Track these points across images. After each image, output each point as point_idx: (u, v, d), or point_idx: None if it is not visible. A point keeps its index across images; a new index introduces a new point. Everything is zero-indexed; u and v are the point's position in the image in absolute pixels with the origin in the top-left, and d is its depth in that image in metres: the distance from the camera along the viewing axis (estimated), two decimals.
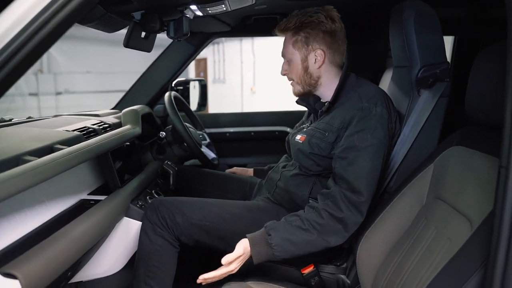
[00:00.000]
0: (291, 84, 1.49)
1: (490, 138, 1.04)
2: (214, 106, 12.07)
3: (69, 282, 1.35)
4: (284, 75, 1.49)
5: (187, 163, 2.15)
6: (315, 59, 1.40)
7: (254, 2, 1.50)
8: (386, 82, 1.74)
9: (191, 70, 12.94)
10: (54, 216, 1.17)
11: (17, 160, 0.97)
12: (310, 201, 1.39)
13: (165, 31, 1.42)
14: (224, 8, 1.47)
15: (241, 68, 10.53)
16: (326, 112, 1.43)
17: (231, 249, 1.33)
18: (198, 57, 13.12)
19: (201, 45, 2.20)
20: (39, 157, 1.02)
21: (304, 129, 1.50)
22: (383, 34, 1.84)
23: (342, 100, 1.41)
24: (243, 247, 1.26)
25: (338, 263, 1.43)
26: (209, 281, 1.25)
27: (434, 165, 1.23)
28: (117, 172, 1.51)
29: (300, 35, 1.40)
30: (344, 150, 1.31)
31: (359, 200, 1.27)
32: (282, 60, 1.50)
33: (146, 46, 1.48)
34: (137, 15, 1.31)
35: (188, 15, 1.44)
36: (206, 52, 12.01)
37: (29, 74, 8.82)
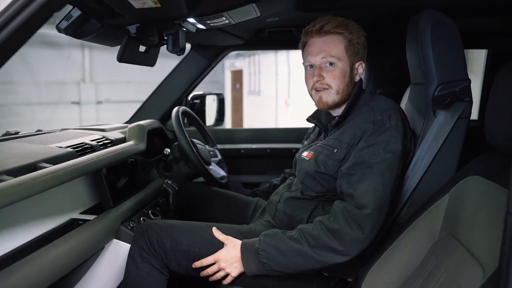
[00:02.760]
0: (322, 93, 1.29)
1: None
2: (249, 118, 12.05)
3: None
4: (318, 81, 1.28)
5: (197, 180, 2.08)
6: (357, 71, 1.32)
7: (259, 14, 1.42)
8: (405, 100, 1.60)
9: (227, 82, 13.01)
10: (37, 236, 1.13)
11: None
12: None
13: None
14: (227, 21, 1.39)
15: (276, 80, 10.47)
16: (336, 127, 1.32)
17: (221, 280, 1.24)
18: (234, 69, 13.21)
19: (215, 59, 2.14)
20: (17, 176, 0.98)
21: (313, 146, 1.39)
22: None
23: (354, 115, 1.29)
24: (234, 244, 1.22)
25: None
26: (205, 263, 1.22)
27: (450, 196, 1.09)
28: (121, 189, 1.46)
29: (354, 40, 1.27)
30: (352, 166, 1.19)
31: (362, 213, 1.12)
32: None
33: (146, 60, 1.42)
34: (132, 29, 1.25)
35: (189, 29, 1.38)
36: (242, 64, 12.05)
37: (72, 83, 9.23)
